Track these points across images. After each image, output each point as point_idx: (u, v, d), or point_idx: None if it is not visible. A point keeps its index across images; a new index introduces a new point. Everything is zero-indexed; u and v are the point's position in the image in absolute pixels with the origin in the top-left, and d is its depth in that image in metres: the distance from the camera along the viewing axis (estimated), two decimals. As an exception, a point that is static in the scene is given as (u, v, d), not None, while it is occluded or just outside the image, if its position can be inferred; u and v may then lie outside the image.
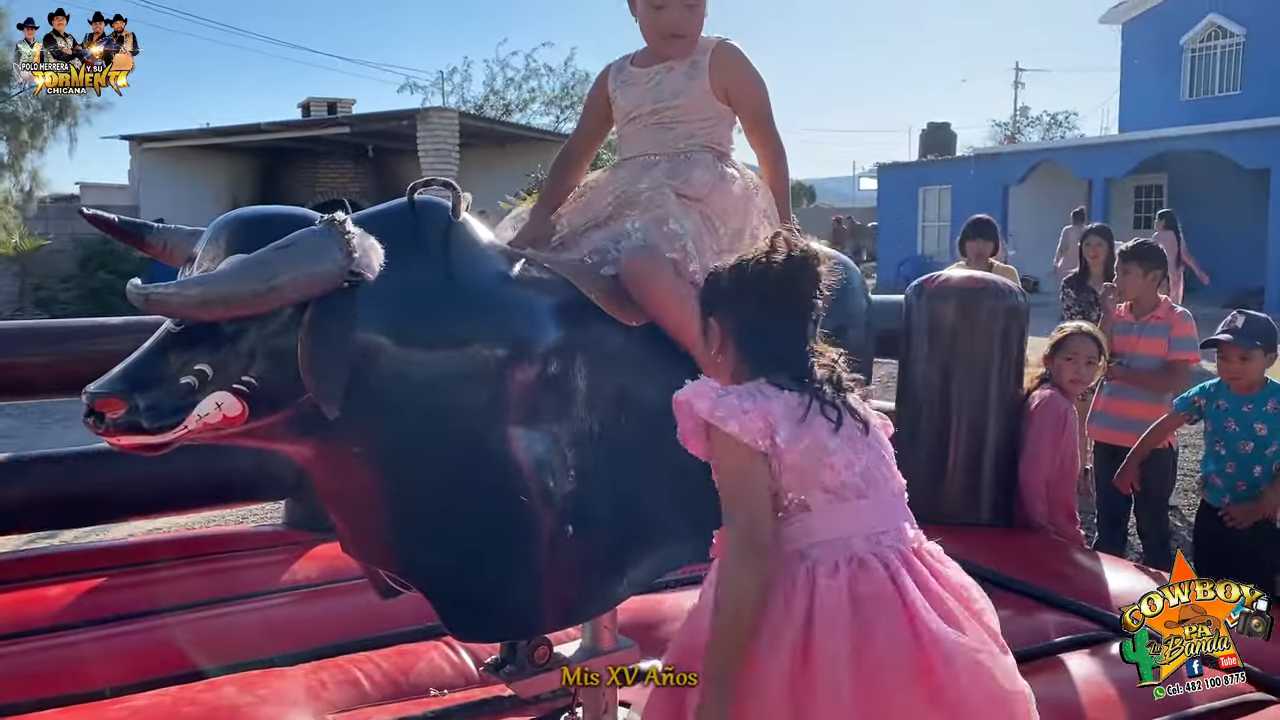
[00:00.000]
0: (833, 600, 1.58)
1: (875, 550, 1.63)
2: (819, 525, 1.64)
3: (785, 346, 1.71)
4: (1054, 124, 36.06)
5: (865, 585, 1.59)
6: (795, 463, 1.63)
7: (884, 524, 1.67)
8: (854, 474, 1.65)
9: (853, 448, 1.66)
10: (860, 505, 1.65)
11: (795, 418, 1.63)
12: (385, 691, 2.58)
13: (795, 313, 1.72)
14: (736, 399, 1.64)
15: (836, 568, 1.61)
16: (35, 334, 3.73)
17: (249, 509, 5.27)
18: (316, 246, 1.71)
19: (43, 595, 3.24)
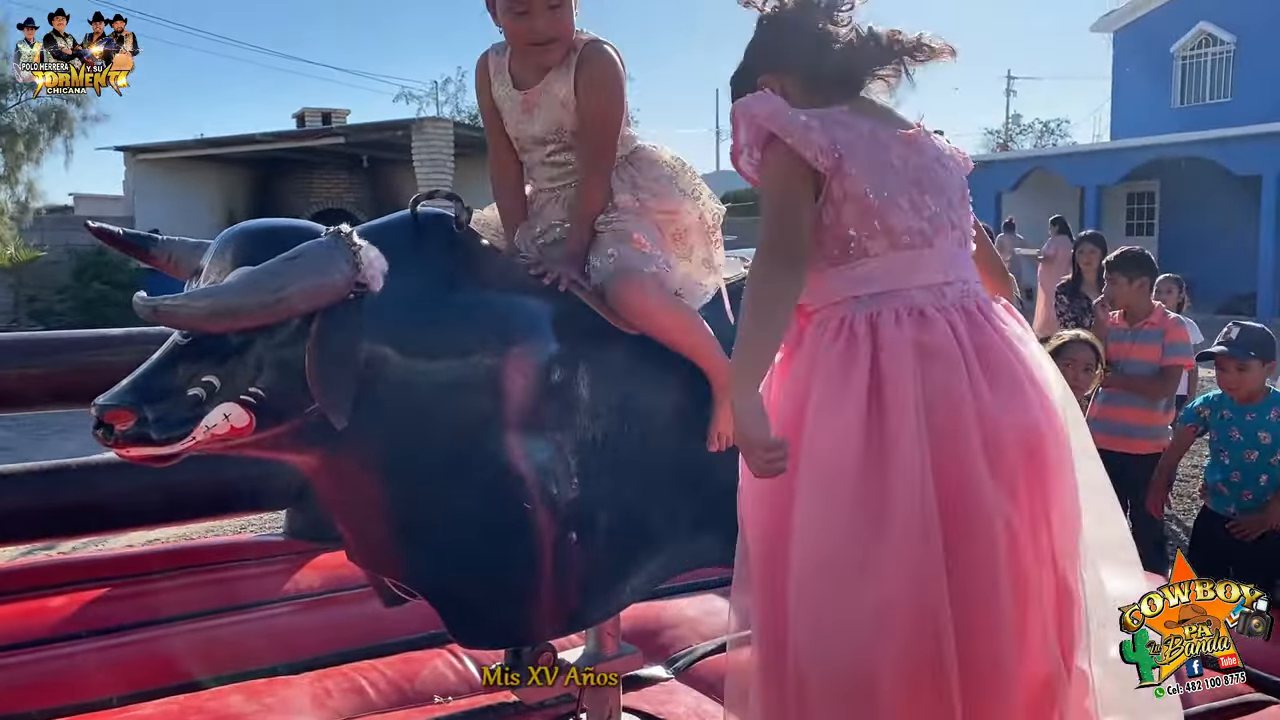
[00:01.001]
0: (900, 349, 1.51)
1: (938, 303, 1.55)
2: (879, 274, 1.56)
3: (841, 49, 1.63)
4: (1046, 131, 36.20)
5: (929, 336, 1.52)
6: (860, 194, 1.54)
7: (948, 274, 1.58)
8: (922, 219, 1.56)
9: (924, 187, 1.58)
10: (923, 254, 1.57)
11: (868, 147, 1.55)
12: (390, 699, 2.59)
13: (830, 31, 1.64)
14: (806, 115, 1.54)
15: (898, 317, 1.54)
16: (32, 346, 3.73)
17: (248, 519, 5.28)
18: (323, 258, 1.73)
19: (45, 606, 3.25)
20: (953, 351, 1.51)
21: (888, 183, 1.55)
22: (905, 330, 1.52)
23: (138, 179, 17.93)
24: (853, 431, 1.50)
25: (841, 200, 1.55)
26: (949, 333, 1.53)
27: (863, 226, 1.55)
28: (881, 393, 1.50)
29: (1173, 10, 21.32)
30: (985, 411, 1.50)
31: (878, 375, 1.51)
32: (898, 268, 1.56)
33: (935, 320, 1.53)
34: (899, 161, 1.58)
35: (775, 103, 1.58)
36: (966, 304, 1.58)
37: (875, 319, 1.54)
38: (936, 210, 1.58)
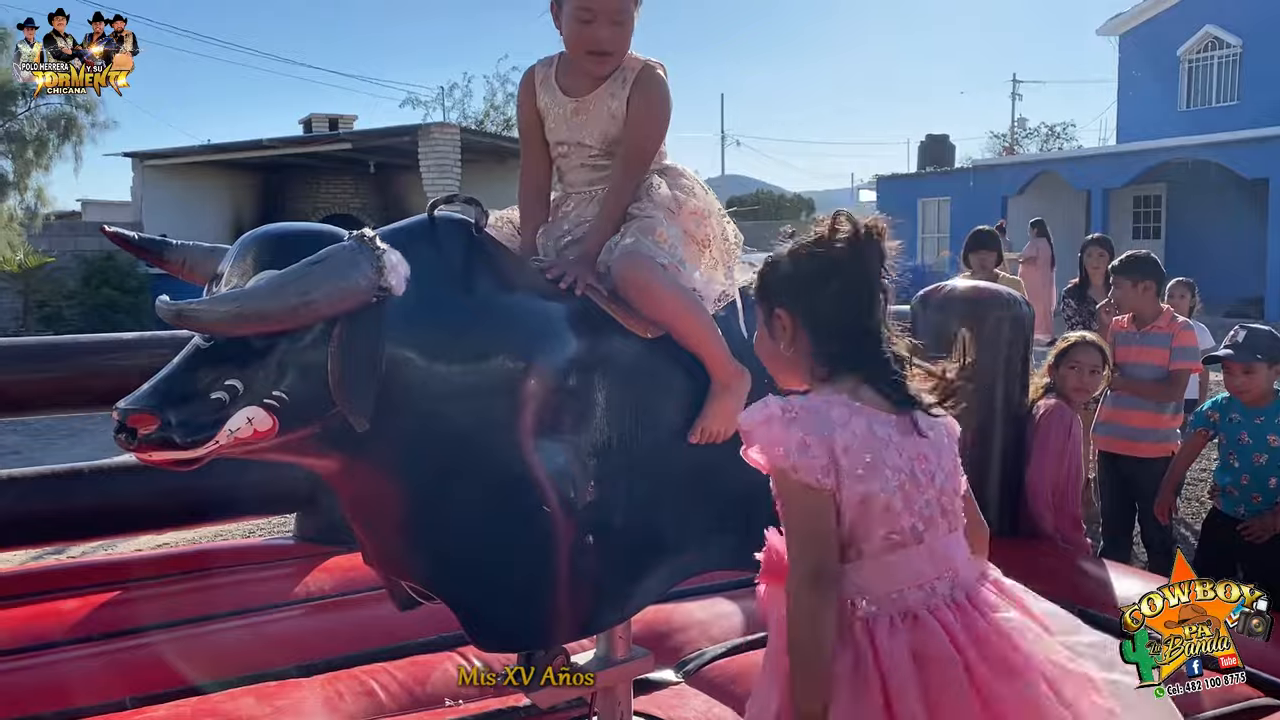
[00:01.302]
0: (899, 661, 1.53)
1: (929, 603, 1.57)
2: (872, 576, 1.57)
3: (861, 334, 1.62)
4: (1052, 135, 36.18)
5: (924, 646, 1.53)
6: (855, 501, 1.55)
7: (938, 569, 1.60)
8: (914, 515, 1.57)
9: (917, 479, 1.58)
10: (915, 552, 1.57)
11: (864, 449, 1.55)
12: (401, 702, 2.61)
13: (868, 295, 1.62)
14: (801, 432, 1.55)
15: (892, 624, 1.55)
16: (44, 351, 3.75)
17: (256, 523, 5.30)
18: (347, 262, 1.74)
19: (57, 609, 3.27)
20: (949, 656, 1.53)
21: (882, 484, 1.56)
22: (900, 638, 1.54)
23: (146, 185, 18.00)
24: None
25: (841, 506, 1.56)
26: (943, 636, 1.54)
27: (858, 529, 1.57)
28: (891, 710, 1.51)
29: (1179, 13, 21.32)
30: (991, 706, 1.51)
31: (886, 691, 1.52)
32: (891, 568, 1.57)
33: (928, 623, 1.55)
34: (894, 456, 1.57)
35: (775, 421, 1.57)
36: (957, 597, 1.59)
37: (872, 626, 1.56)
38: (927, 501, 1.59)
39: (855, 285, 1.62)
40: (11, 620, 3.17)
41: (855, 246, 1.62)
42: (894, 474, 1.55)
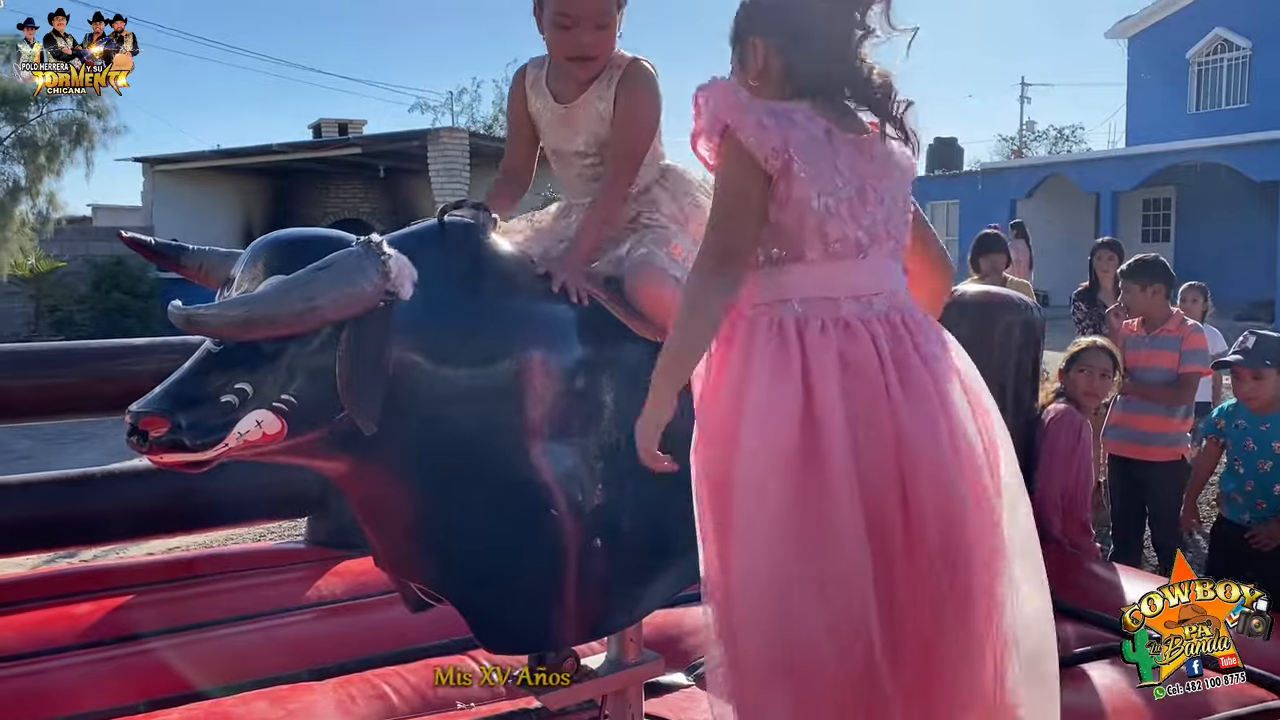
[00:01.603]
0: (826, 361, 1.54)
1: (864, 314, 1.58)
2: (811, 280, 1.59)
3: (834, 59, 1.62)
4: (1061, 138, 36.10)
5: (850, 351, 1.55)
6: (803, 199, 1.55)
7: (878, 285, 1.61)
8: (860, 228, 1.59)
9: (867, 196, 1.60)
10: (855, 264, 1.59)
11: (819, 151, 1.56)
12: (413, 705, 2.61)
13: (845, 17, 1.63)
14: (764, 111, 1.55)
15: (824, 327, 1.57)
16: (56, 356, 3.77)
17: (266, 527, 5.32)
18: (354, 267, 1.76)
19: (70, 613, 3.28)
20: (873, 367, 1.55)
21: (832, 189, 1.57)
22: (830, 340, 1.56)
23: (156, 190, 18.09)
24: (784, 436, 1.53)
25: (785, 202, 1.57)
26: (871, 347, 1.56)
27: (801, 230, 1.58)
28: (811, 403, 1.54)
29: (1188, 16, 21.27)
30: (902, 433, 1.54)
31: (808, 384, 1.54)
32: (830, 275, 1.59)
33: (859, 332, 1.57)
34: (847, 168, 1.59)
35: (738, 94, 1.59)
36: (892, 316, 1.60)
37: (803, 325, 1.57)
38: (875, 220, 1.61)
39: (837, 10, 1.62)
40: (24, 625, 3.18)
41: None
42: (844, 184, 1.57)
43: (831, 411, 1.52)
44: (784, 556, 1.55)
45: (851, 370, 1.54)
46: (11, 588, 3.64)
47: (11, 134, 13.33)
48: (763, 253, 1.61)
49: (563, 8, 2.06)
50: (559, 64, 2.16)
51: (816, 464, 1.52)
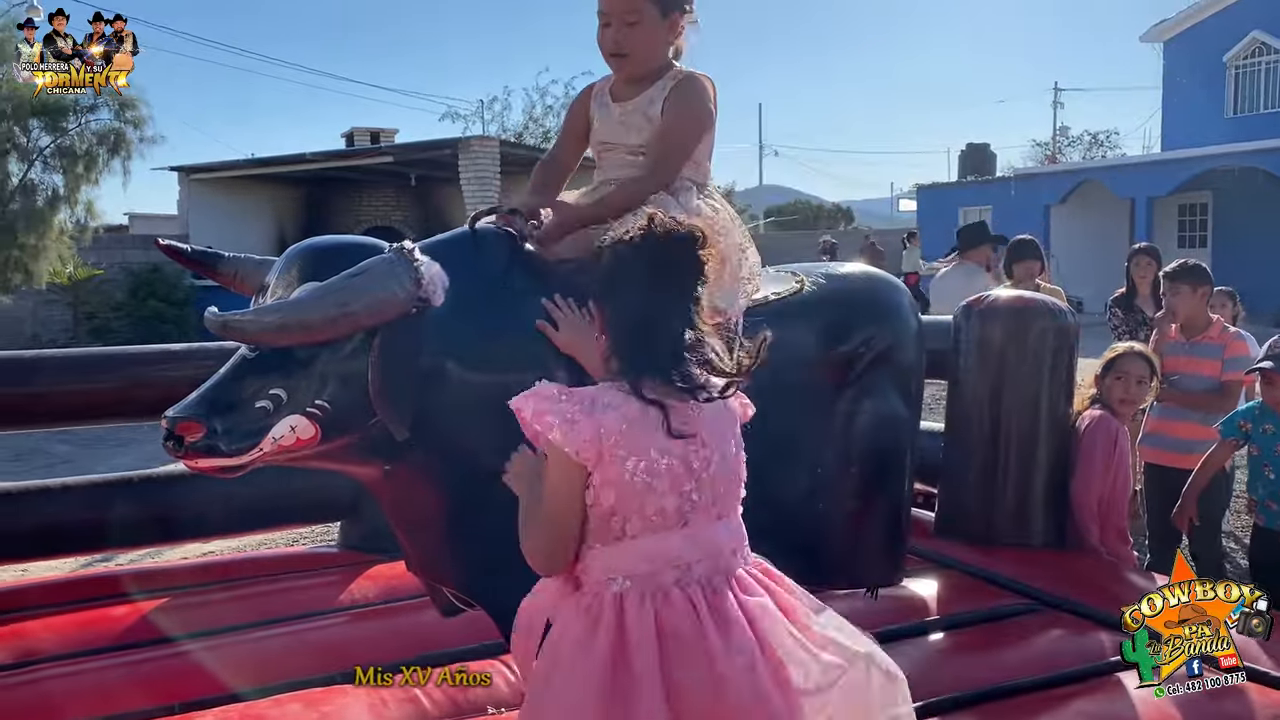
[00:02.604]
0: (643, 632, 1.57)
1: (682, 582, 1.61)
2: (631, 556, 1.61)
3: (656, 339, 1.62)
4: (1095, 143, 35.78)
5: (669, 622, 1.58)
6: (618, 482, 1.58)
7: (698, 553, 1.63)
8: (679, 499, 1.61)
9: (688, 466, 1.61)
10: (676, 535, 1.62)
11: (634, 431, 1.58)
12: (444, 709, 2.61)
13: (670, 300, 1.63)
14: (572, 405, 1.59)
15: (643, 600, 1.59)
16: (95, 361, 3.81)
17: (299, 532, 5.36)
18: (387, 274, 1.78)
19: (107, 615, 3.32)
20: (691, 633, 1.57)
21: (649, 466, 1.59)
22: (648, 612, 1.59)
23: (192, 198, 18.29)
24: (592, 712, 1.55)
25: (601, 485, 1.60)
26: (690, 614, 1.58)
27: (620, 508, 1.60)
28: (627, 675, 1.55)
29: (1224, 19, 21.03)
30: (722, 687, 1.55)
31: (626, 656, 1.56)
32: (649, 550, 1.61)
33: (677, 602, 1.59)
34: (664, 441, 1.60)
35: (544, 397, 1.61)
36: (715, 580, 1.63)
37: (623, 600, 1.60)
38: (697, 487, 1.63)
39: (657, 288, 1.62)
40: (62, 627, 3.23)
41: (665, 248, 1.62)
42: (661, 456, 1.58)
43: (649, 684, 1.54)
44: None
45: (670, 637, 1.57)
46: (50, 590, 3.69)
47: (51, 144, 13.53)
48: (593, 534, 1.65)
49: (600, 6, 2.23)
50: (606, 61, 2.30)
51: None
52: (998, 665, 2.77)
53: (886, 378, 2.67)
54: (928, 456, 3.68)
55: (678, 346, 1.62)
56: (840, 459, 2.67)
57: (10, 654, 3.01)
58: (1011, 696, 2.59)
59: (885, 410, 2.66)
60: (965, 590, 3.34)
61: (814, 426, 2.59)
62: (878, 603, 2.94)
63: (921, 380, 3.00)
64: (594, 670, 1.56)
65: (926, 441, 3.52)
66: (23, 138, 13.45)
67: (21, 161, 13.48)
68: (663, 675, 1.55)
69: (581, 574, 1.66)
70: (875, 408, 2.64)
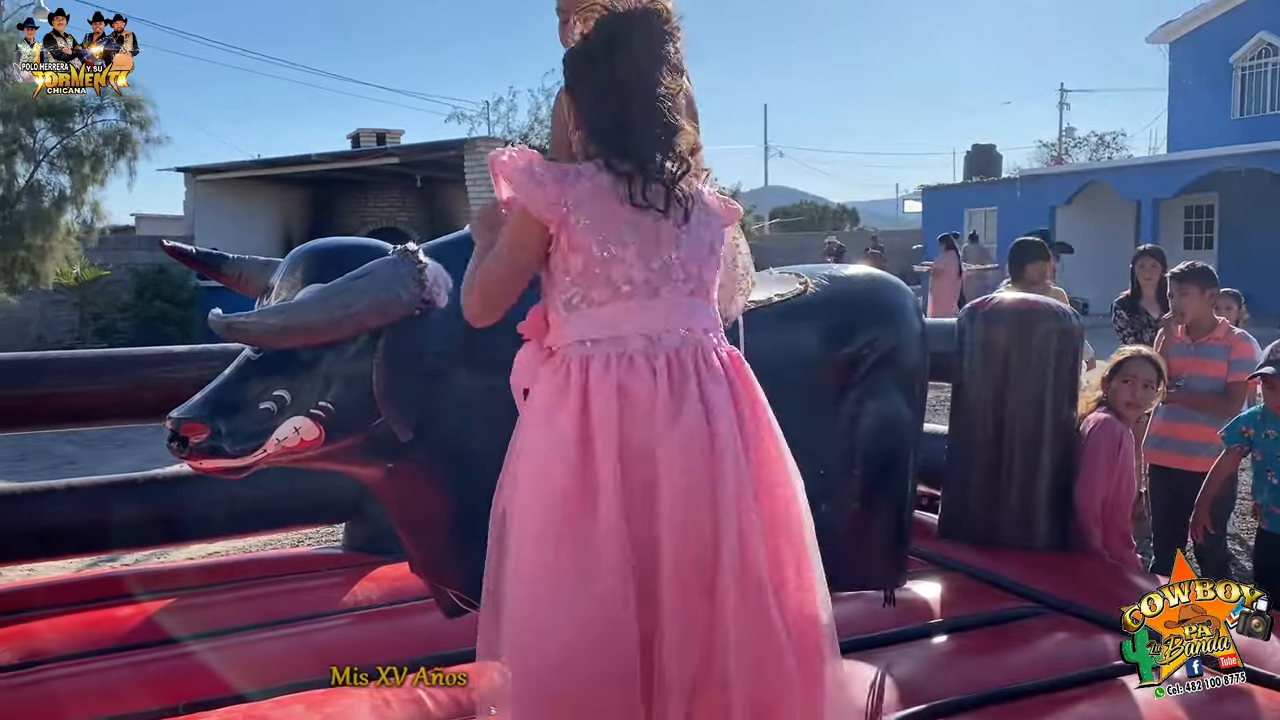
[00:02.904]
0: (605, 395, 1.62)
1: (649, 351, 1.65)
2: (599, 322, 1.66)
3: (626, 121, 1.66)
4: (1101, 145, 35.70)
5: (629, 383, 1.63)
6: (584, 246, 1.62)
7: (665, 324, 1.67)
8: (648, 270, 1.65)
9: (658, 241, 1.66)
10: (645, 305, 1.66)
11: (602, 202, 1.62)
12: (448, 710, 2.61)
13: (640, 82, 1.67)
14: (545, 173, 1.63)
15: (608, 362, 1.64)
16: (101, 362, 3.82)
17: (304, 533, 5.36)
18: (391, 276, 1.78)
19: (112, 616, 3.33)
20: (648, 396, 1.63)
21: (616, 236, 1.64)
22: (611, 375, 1.63)
23: (198, 199, 18.33)
24: (557, 474, 1.63)
25: (568, 251, 1.64)
26: (650, 379, 1.63)
27: (587, 276, 1.65)
28: (588, 435, 1.62)
29: (1231, 20, 20.99)
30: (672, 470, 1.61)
31: (588, 417, 1.63)
32: (618, 315, 1.66)
33: (640, 366, 1.64)
34: (631, 214, 1.65)
35: (518, 161, 1.65)
36: (681, 352, 1.67)
37: (588, 363, 1.65)
38: (669, 262, 1.67)
39: (626, 66, 1.66)
40: (68, 627, 3.23)
41: (630, 26, 1.65)
42: (630, 229, 1.63)
43: (606, 443, 1.61)
44: (545, 582, 1.65)
45: (628, 399, 1.62)
46: (56, 591, 3.71)
47: (57, 144, 13.57)
48: (559, 300, 1.69)
49: (558, 4, 2.14)
50: None
51: (587, 498, 1.62)
52: (1001, 668, 2.77)
53: (890, 379, 2.67)
54: (931, 458, 3.68)
55: (648, 139, 1.66)
56: (843, 460, 2.67)
57: (16, 654, 3.02)
58: (1015, 699, 2.59)
59: (889, 412, 2.66)
60: (969, 593, 3.34)
61: (817, 428, 2.59)
62: (880, 605, 2.94)
63: (925, 382, 3.01)
64: (562, 427, 1.62)
65: (930, 443, 3.52)
66: (29, 139, 13.49)
67: (28, 162, 13.52)
68: (620, 434, 1.60)
69: (552, 342, 1.70)
70: (879, 409, 2.64)
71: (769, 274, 2.65)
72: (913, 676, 2.67)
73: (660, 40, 1.68)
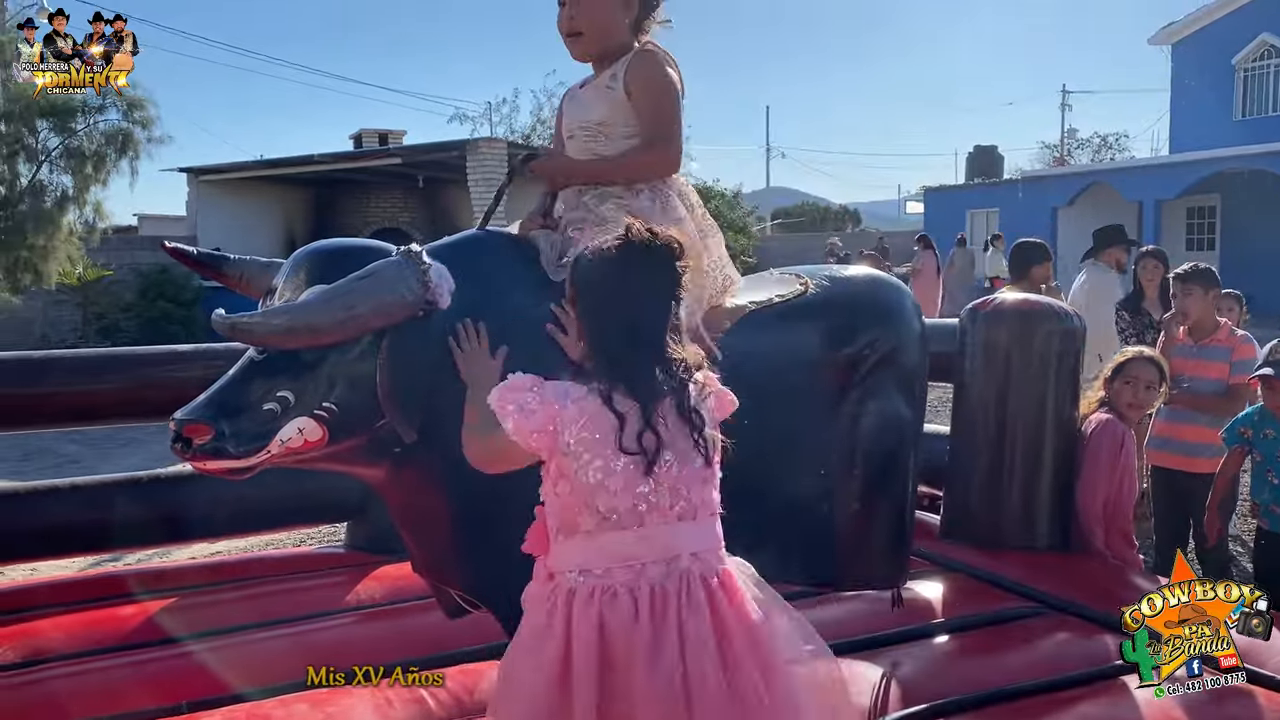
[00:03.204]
0: (586, 629, 1.62)
1: (634, 584, 1.63)
2: (586, 551, 1.66)
3: (626, 347, 1.66)
4: (1104, 146, 35.67)
5: (610, 620, 1.62)
6: (571, 477, 1.63)
7: (651, 554, 1.65)
8: (634, 498, 1.63)
9: (648, 468, 1.63)
10: (630, 534, 1.64)
11: (591, 428, 1.61)
12: (449, 709, 2.62)
13: (643, 309, 1.68)
14: (533, 395, 1.63)
15: (591, 596, 1.63)
16: (104, 361, 3.82)
17: (307, 532, 5.37)
18: (394, 277, 1.79)
19: (115, 615, 3.34)
20: (626, 639, 1.62)
21: (603, 463, 1.62)
22: (594, 610, 1.63)
23: (200, 200, 18.35)
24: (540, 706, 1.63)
25: (558, 477, 1.66)
26: (631, 617, 1.62)
27: (575, 503, 1.65)
28: (568, 668, 1.62)
29: (1233, 21, 20.97)
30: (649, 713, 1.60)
31: (569, 655, 1.63)
32: (603, 546, 1.65)
33: (622, 601, 1.63)
34: (626, 439, 1.63)
35: (512, 387, 1.66)
36: (666, 584, 1.65)
37: (572, 596, 1.65)
38: (658, 487, 1.65)
39: (631, 296, 1.67)
40: (71, 626, 3.24)
41: (641, 258, 1.66)
42: (618, 457, 1.61)
43: (583, 684, 1.61)
44: None
45: (607, 638, 1.62)
46: (59, 590, 3.71)
47: (59, 144, 13.58)
48: (554, 523, 1.70)
49: None
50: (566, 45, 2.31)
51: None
52: (1003, 668, 2.78)
53: (890, 380, 2.67)
54: (933, 459, 3.69)
55: (653, 353, 1.66)
56: (844, 461, 2.67)
57: (19, 653, 3.03)
58: (1016, 699, 2.59)
59: (889, 412, 2.66)
60: (970, 593, 3.34)
61: (818, 428, 2.60)
62: (882, 605, 2.94)
63: (925, 382, 3.01)
64: (545, 661, 1.63)
65: (932, 444, 3.52)
66: (31, 139, 13.50)
67: (30, 162, 13.53)
68: (599, 675, 1.60)
69: (550, 566, 1.71)
70: (879, 409, 2.64)
71: (769, 275, 2.66)
72: (914, 676, 2.68)
73: (674, 278, 1.69)
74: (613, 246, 1.67)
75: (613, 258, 1.66)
